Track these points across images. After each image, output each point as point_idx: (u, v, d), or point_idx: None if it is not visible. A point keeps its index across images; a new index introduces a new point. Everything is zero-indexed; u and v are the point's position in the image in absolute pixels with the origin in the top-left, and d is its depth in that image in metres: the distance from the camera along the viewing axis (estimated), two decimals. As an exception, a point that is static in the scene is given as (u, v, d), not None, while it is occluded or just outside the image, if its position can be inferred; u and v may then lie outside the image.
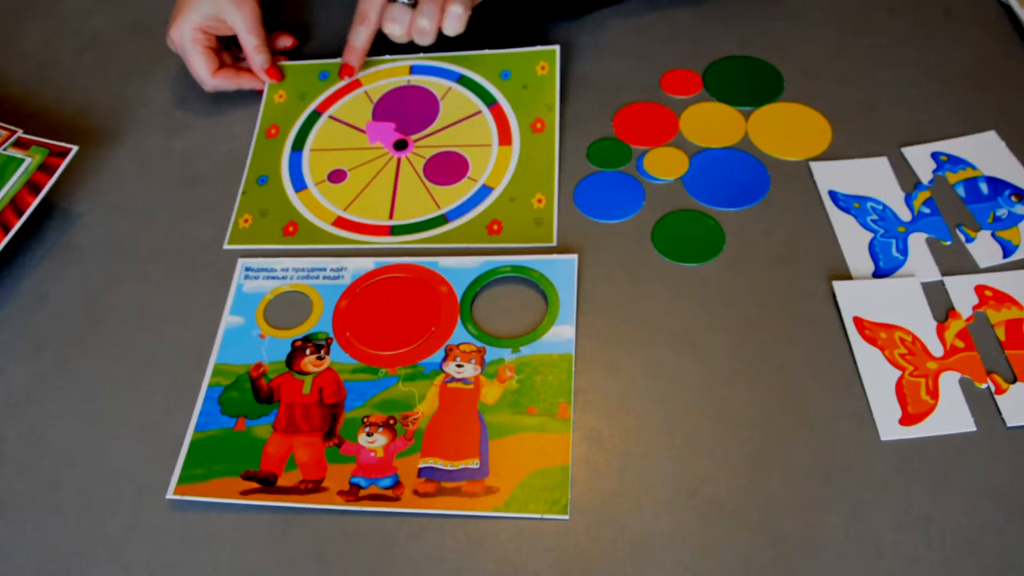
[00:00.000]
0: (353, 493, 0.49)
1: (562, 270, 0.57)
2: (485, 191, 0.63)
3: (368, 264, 0.60)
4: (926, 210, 0.58)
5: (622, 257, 0.58)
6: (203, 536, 0.49)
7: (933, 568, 0.44)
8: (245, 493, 0.50)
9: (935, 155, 0.61)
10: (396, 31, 0.63)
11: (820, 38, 0.70)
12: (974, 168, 0.60)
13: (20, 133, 0.64)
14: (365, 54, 0.68)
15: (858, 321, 0.53)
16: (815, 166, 0.61)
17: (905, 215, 0.58)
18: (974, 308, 0.53)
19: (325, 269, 0.60)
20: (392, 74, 0.71)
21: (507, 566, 0.46)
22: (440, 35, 0.63)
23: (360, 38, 0.67)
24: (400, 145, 0.66)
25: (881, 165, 0.61)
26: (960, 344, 0.52)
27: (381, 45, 0.73)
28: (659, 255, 0.58)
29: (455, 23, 0.62)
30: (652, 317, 0.55)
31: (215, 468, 0.51)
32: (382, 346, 0.55)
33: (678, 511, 0.47)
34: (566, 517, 0.47)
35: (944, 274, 0.55)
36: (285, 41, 0.74)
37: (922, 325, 0.53)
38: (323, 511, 0.49)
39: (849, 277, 0.55)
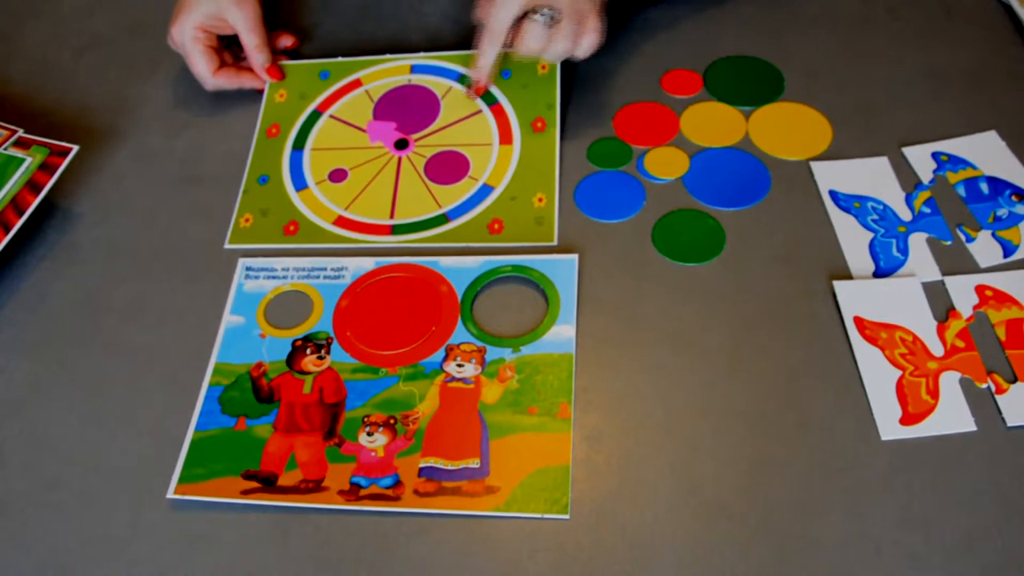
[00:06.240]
0: (353, 493, 0.49)
1: (562, 270, 0.57)
2: (486, 190, 0.63)
3: (368, 264, 0.60)
4: (926, 210, 0.58)
5: (622, 257, 0.58)
6: (203, 536, 0.49)
7: (933, 568, 0.44)
8: (245, 493, 0.50)
9: (935, 155, 0.61)
10: (535, 49, 0.61)
11: (820, 38, 0.70)
12: (974, 168, 0.60)
13: (21, 133, 0.64)
14: (495, 72, 0.67)
15: (858, 321, 0.53)
16: (815, 166, 0.61)
17: (905, 215, 0.58)
18: (974, 308, 0.53)
19: (325, 269, 0.60)
20: (393, 73, 0.71)
21: (507, 566, 0.46)
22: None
23: (489, 57, 0.64)
24: (401, 144, 0.66)
25: (881, 165, 0.61)
26: (960, 344, 0.52)
27: (380, 45, 0.74)
28: (659, 255, 0.58)
29: (588, 49, 0.62)
30: (652, 317, 0.55)
31: (215, 468, 0.51)
32: (382, 346, 0.55)
33: (678, 511, 0.47)
34: (566, 517, 0.47)
35: (944, 274, 0.55)
36: (286, 41, 0.74)
37: (922, 325, 0.53)
38: (323, 511, 0.49)
39: (849, 277, 0.55)
